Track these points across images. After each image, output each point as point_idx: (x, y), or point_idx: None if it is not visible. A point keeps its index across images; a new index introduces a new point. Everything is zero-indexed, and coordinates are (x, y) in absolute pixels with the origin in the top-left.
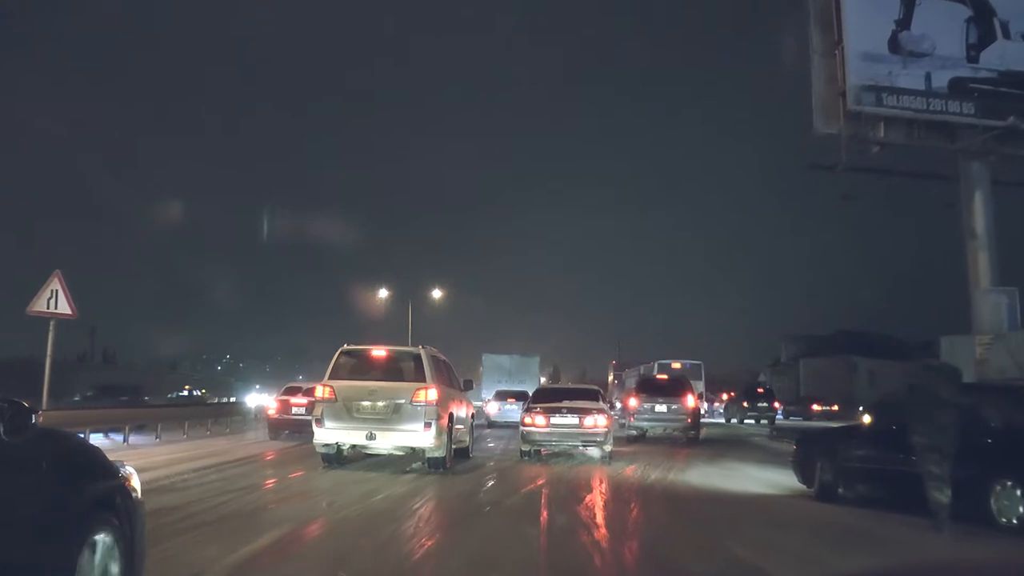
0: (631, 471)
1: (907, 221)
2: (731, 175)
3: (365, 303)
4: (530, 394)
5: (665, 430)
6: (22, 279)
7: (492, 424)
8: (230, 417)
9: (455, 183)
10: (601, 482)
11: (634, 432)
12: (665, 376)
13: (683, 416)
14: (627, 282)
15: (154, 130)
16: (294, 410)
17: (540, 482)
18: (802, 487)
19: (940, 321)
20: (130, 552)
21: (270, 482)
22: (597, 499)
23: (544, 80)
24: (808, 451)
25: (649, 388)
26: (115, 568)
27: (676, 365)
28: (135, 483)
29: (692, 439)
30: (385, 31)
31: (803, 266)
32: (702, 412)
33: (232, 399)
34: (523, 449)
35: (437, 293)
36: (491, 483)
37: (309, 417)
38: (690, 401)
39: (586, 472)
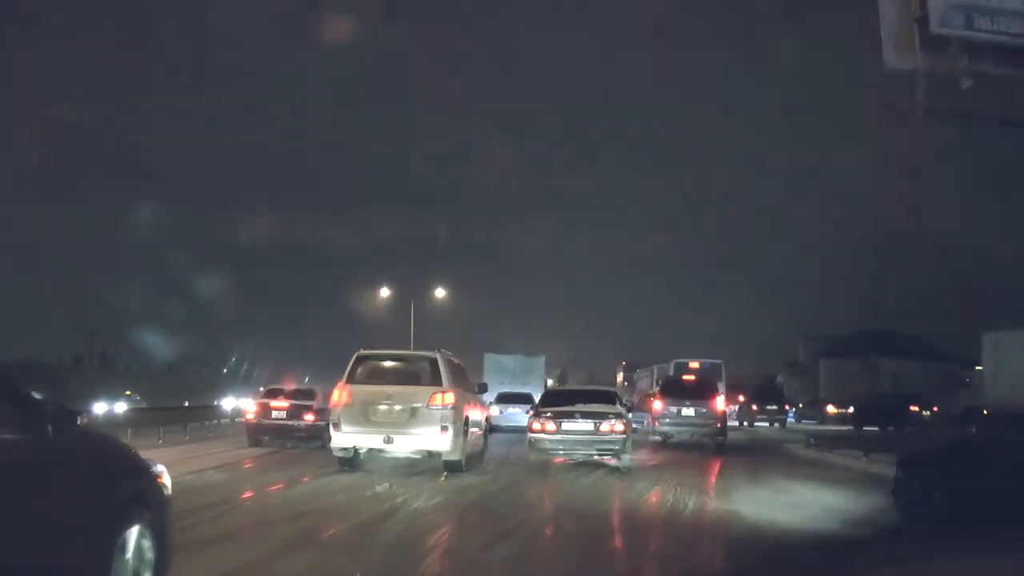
0: (660, 495)
1: (933, 208)
2: (737, 171)
3: (369, 304)
4: (535, 397)
5: (692, 436)
6: (21, 282)
7: (494, 429)
8: (197, 422)
9: (454, 182)
10: (623, 517)
11: (658, 438)
12: (692, 376)
13: (711, 420)
14: (631, 281)
15: (156, 130)
16: (274, 414)
17: (543, 512)
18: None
19: (970, 318)
20: (161, 545)
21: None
22: (619, 547)
23: (546, 77)
24: (918, 479)
25: (674, 390)
26: (148, 559)
27: (694, 364)
28: (166, 480)
29: (720, 445)
30: (394, 33)
31: (819, 262)
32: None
33: (215, 403)
34: (531, 458)
35: (440, 292)
36: (479, 514)
37: (292, 422)
38: (719, 403)
39: (602, 496)
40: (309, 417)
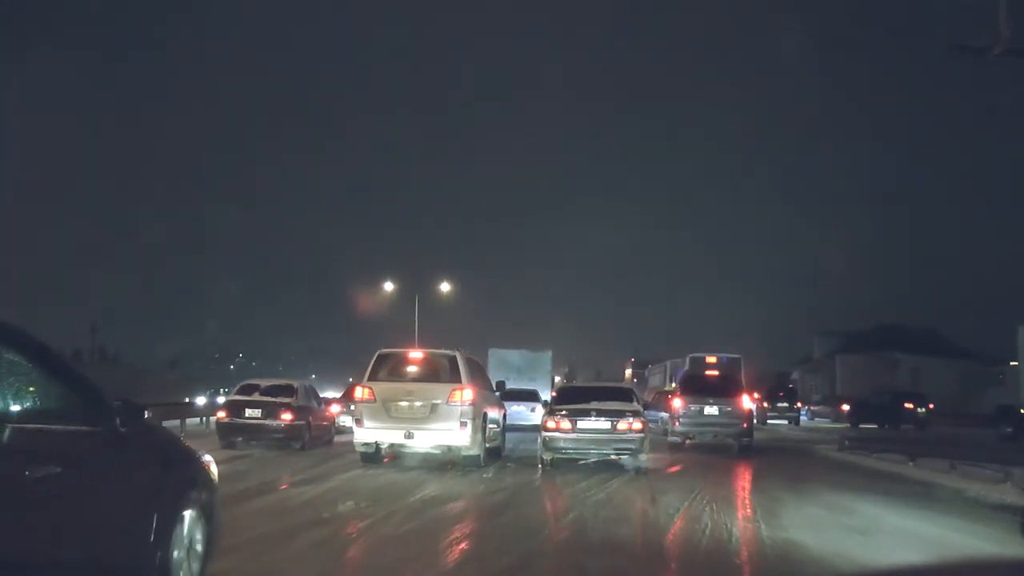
0: (692, 515)
1: (953, 196)
2: (749, 162)
3: (374, 302)
4: (541, 393)
5: (716, 437)
6: (25, 278)
7: None
8: (173, 421)
9: (456, 178)
10: (653, 551)
11: (676, 439)
12: (715, 372)
13: (737, 420)
14: (640, 276)
15: (163, 126)
16: (248, 412)
17: (551, 541)
18: None
19: (993, 314)
20: (210, 526)
21: None
22: None
23: (556, 75)
24: None
25: (696, 386)
26: (199, 538)
27: (711, 359)
28: (213, 469)
29: (745, 447)
30: (415, 38)
31: (835, 255)
32: None
33: (188, 400)
34: (544, 458)
35: (445, 287)
36: (469, 543)
37: (268, 421)
38: (745, 402)
39: (623, 515)
40: (287, 416)
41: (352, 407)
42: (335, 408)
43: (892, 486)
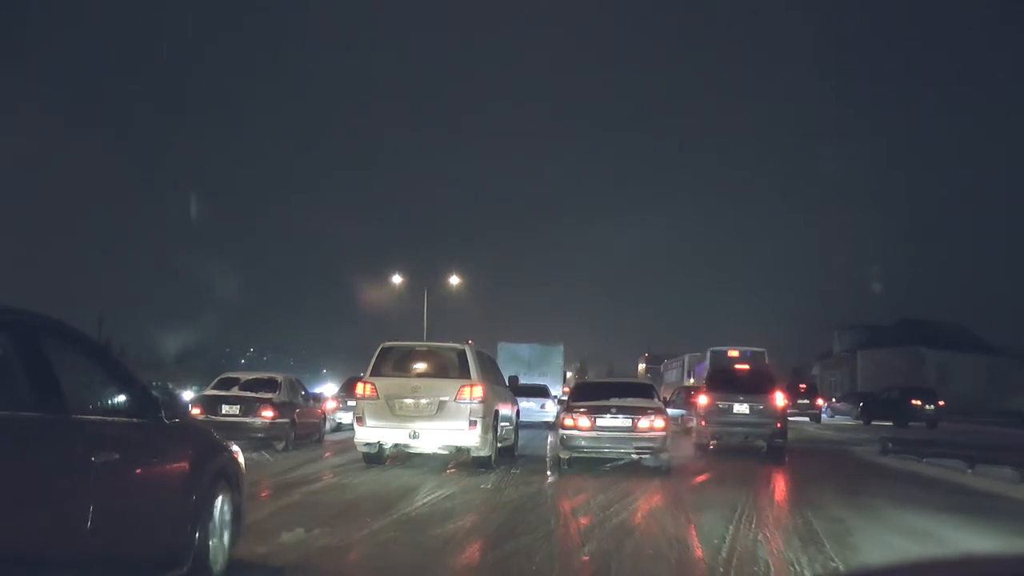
0: (744, 545)
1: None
2: (762, 156)
3: (385, 296)
4: (551, 389)
5: (746, 438)
6: (27, 274)
7: None
8: None
9: (460, 170)
10: None
11: (704, 440)
12: (745, 365)
13: (770, 420)
14: (651, 271)
15: (173, 121)
16: (225, 409)
17: None
18: None
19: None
20: (237, 511)
21: None
22: None
23: (567, 76)
24: None
25: (724, 383)
26: (228, 520)
27: (734, 353)
28: (241, 459)
29: (779, 449)
30: (433, 40)
31: (854, 246)
32: None
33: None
34: (561, 456)
35: (454, 280)
36: None
37: (247, 419)
38: (779, 399)
39: (654, 540)
40: (268, 413)
41: (352, 403)
42: (332, 404)
43: (967, 502)
